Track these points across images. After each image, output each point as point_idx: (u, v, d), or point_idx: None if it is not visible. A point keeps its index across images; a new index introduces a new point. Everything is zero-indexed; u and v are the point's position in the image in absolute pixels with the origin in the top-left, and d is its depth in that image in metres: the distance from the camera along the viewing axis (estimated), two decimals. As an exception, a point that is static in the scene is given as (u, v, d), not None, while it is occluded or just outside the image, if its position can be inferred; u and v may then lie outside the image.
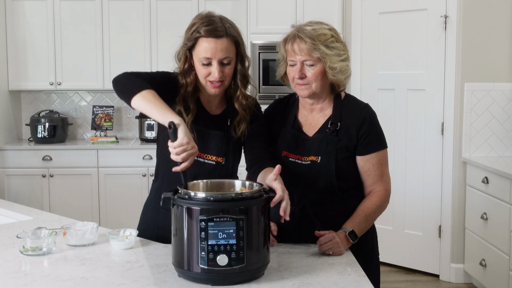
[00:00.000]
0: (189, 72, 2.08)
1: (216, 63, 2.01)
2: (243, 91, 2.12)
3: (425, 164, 4.44)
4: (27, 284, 1.67)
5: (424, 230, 4.48)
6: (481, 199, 3.99)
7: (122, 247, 1.98)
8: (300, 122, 2.17)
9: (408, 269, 4.59)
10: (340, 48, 2.05)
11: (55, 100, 5.51)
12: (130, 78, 1.96)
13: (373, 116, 2.13)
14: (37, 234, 1.97)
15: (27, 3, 5.08)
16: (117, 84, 1.99)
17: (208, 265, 1.61)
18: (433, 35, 4.31)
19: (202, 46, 2.01)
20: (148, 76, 2.03)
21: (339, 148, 2.07)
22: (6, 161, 4.91)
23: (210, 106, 2.17)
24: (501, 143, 4.27)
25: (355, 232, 2.01)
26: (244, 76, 2.12)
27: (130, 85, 1.93)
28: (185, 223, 1.64)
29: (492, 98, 4.24)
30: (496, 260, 3.76)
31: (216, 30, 2.00)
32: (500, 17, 4.20)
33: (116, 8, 5.10)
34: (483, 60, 4.23)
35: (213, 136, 2.12)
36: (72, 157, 4.95)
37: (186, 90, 2.08)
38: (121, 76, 1.99)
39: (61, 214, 3.12)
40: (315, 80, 2.05)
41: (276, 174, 1.77)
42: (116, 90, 1.99)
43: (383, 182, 2.12)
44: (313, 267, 1.82)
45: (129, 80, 1.96)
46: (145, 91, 1.89)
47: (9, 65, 5.12)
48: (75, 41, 5.13)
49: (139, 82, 1.92)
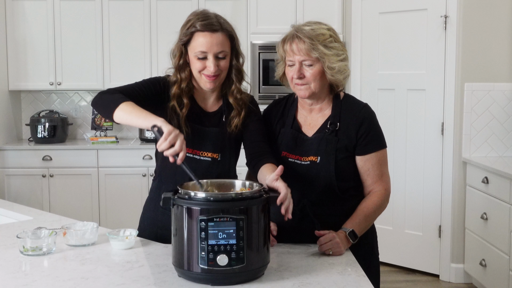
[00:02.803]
0: (183, 68, 2.10)
1: (211, 57, 2.03)
2: (237, 85, 2.14)
3: (425, 164, 4.44)
4: (27, 284, 1.67)
5: (424, 230, 4.48)
6: (481, 199, 3.99)
7: (122, 247, 1.98)
8: (299, 122, 2.17)
9: (408, 269, 4.59)
10: (339, 48, 2.05)
11: (55, 100, 5.51)
12: (106, 97, 1.99)
13: (373, 116, 2.13)
14: (37, 234, 1.97)
15: (27, 3, 5.08)
16: (96, 106, 2.02)
17: (208, 265, 1.61)
18: (433, 35, 4.31)
19: (197, 41, 2.03)
20: (127, 88, 2.05)
21: (338, 148, 2.07)
22: (6, 161, 4.91)
23: (206, 103, 2.18)
24: (501, 143, 4.27)
25: (355, 232, 2.01)
26: (239, 71, 2.14)
27: (107, 103, 1.96)
28: (185, 223, 1.64)
29: (492, 98, 4.24)
30: (496, 260, 3.76)
31: (212, 24, 2.02)
32: (500, 17, 4.20)
33: (116, 8, 5.11)
34: (483, 60, 4.23)
35: (209, 133, 2.13)
36: (72, 157, 4.95)
37: (180, 86, 2.09)
38: (97, 97, 2.01)
39: (61, 214, 3.12)
40: (314, 80, 2.05)
41: (278, 174, 1.77)
42: (98, 112, 2.04)
43: (383, 182, 2.12)
44: (313, 267, 1.82)
45: (105, 99, 1.98)
46: (122, 104, 1.91)
47: (9, 65, 5.12)
48: (75, 41, 5.13)
49: (115, 97, 1.95)
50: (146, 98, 2.04)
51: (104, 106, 1.97)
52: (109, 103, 1.94)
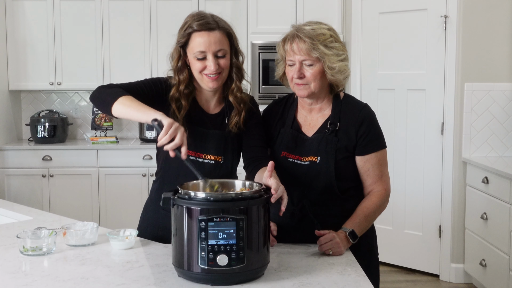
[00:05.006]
0: (182, 70, 2.09)
1: (211, 56, 2.03)
2: (238, 84, 2.14)
3: (425, 164, 4.44)
4: (27, 284, 1.67)
5: (424, 230, 4.48)
6: (481, 199, 3.99)
7: (122, 247, 1.98)
8: (299, 122, 2.17)
9: (408, 269, 4.59)
10: (339, 48, 2.05)
11: (55, 100, 5.51)
12: (104, 90, 1.99)
13: (372, 116, 2.13)
14: (37, 234, 1.97)
15: (27, 3, 5.08)
16: (94, 99, 2.01)
17: (208, 265, 1.61)
18: (433, 35, 4.31)
19: (195, 41, 2.03)
20: (127, 85, 2.05)
21: (338, 148, 2.07)
22: (6, 161, 4.91)
23: (208, 105, 2.17)
24: (501, 143, 4.27)
25: (355, 232, 2.01)
26: (239, 69, 2.14)
27: (106, 96, 1.96)
28: (185, 223, 1.64)
29: (492, 98, 4.24)
30: (496, 260, 3.76)
31: (208, 23, 2.03)
32: (500, 17, 4.20)
33: (116, 8, 5.11)
34: (483, 60, 4.23)
35: (211, 135, 2.12)
36: (72, 157, 4.95)
37: (178, 88, 2.09)
38: (96, 91, 2.01)
39: (61, 214, 3.12)
40: (314, 80, 2.05)
41: (270, 171, 1.77)
42: (96, 106, 2.02)
43: (383, 182, 2.12)
44: (313, 267, 1.82)
45: (104, 92, 1.98)
46: (121, 97, 1.91)
47: (9, 65, 5.12)
48: (75, 41, 5.13)
49: (114, 91, 1.95)
50: (146, 96, 2.03)
51: (102, 100, 1.97)
52: (108, 97, 1.94)
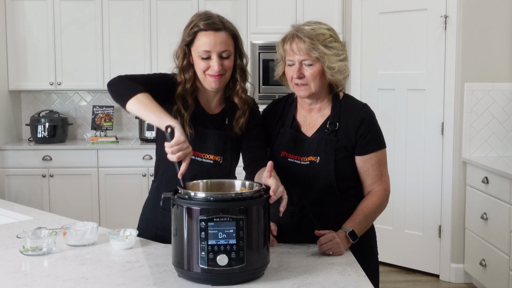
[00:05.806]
0: (187, 69, 2.09)
1: (215, 56, 2.02)
2: (242, 85, 2.13)
3: (425, 164, 4.44)
4: (27, 284, 1.67)
5: (424, 230, 4.48)
6: (481, 199, 3.99)
7: (122, 247, 1.98)
8: (298, 122, 2.17)
9: (408, 269, 4.59)
10: (339, 48, 2.05)
11: (55, 100, 5.51)
12: (124, 82, 1.97)
13: (372, 116, 2.13)
14: (37, 234, 1.97)
15: (27, 3, 5.08)
16: (112, 87, 1.99)
17: (208, 265, 1.61)
18: (433, 35, 4.31)
19: (201, 40, 2.03)
20: (143, 78, 2.04)
21: (338, 148, 2.07)
22: (6, 161, 4.91)
23: (209, 105, 2.17)
24: (501, 143, 4.27)
25: (355, 232, 2.01)
26: (243, 70, 2.13)
27: (125, 88, 1.94)
28: (185, 223, 1.64)
29: (492, 98, 4.24)
30: (496, 260, 3.76)
31: (215, 23, 2.02)
32: (500, 17, 4.20)
33: (116, 8, 5.10)
34: (483, 60, 4.23)
35: (211, 135, 2.12)
36: (72, 157, 4.95)
37: (185, 87, 2.08)
38: (116, 80, 1.99)
39: (61, 214, 3.12)
40: (314, 80, 2.05)
41: (269, 171, 1.77)
42: (111, 94, 1.99)
43: (383, 182, 2.12)
44: (313, 267, 1.82)
45: (123, 84, 1.96)
46: (140, 94, 1.90)
47: (9, 65, 5.12)
48: (75, 41, 5.13)
49: (134, 86, 1.93)
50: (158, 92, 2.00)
51: (120, 91, 1.95)
52: (126, 90, 1.92)
